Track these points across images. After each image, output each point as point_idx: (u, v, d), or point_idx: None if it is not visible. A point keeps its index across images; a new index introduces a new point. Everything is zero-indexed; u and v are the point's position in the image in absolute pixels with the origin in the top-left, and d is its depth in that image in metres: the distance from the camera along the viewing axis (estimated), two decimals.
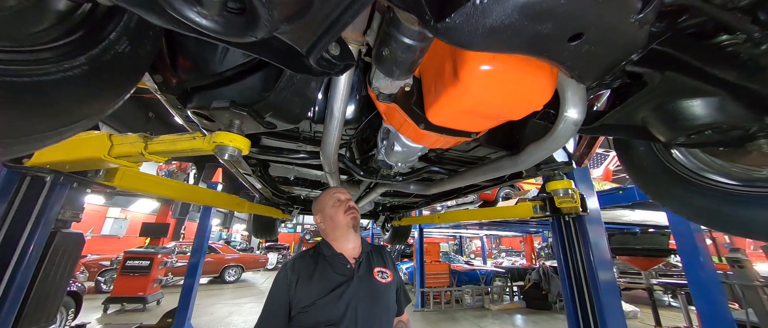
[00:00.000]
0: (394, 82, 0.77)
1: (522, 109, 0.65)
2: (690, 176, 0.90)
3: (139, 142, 0.93)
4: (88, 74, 0.44)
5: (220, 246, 11.22)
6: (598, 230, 2.23)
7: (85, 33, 0.45)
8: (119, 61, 0.50)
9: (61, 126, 0.47)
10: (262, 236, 3.96)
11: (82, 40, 0.44)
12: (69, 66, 0.42)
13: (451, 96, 0.65)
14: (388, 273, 1.23)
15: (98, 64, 0.46)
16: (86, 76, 0.44)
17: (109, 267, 7.76)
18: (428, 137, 0.87)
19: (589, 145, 1.25)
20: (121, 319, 5.97)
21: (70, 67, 0.42)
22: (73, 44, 0.43)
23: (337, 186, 1.54)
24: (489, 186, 1.94)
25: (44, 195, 1.32)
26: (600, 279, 2.08)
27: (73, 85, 0.42)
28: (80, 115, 0.49)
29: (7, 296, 1.21)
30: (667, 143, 0.77)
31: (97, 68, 0.46)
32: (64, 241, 1.53)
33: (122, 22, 0.51)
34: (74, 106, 0.47)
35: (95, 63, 0.45)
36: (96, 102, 0.50)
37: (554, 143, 0.84)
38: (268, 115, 0.85)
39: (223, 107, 0.77)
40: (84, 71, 0.44)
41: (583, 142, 1.23)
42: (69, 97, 0.44)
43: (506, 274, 9.27)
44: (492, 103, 0.64)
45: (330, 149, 1.03)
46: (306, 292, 1.07)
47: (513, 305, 8.01)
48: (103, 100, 0.51)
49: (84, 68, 0.43)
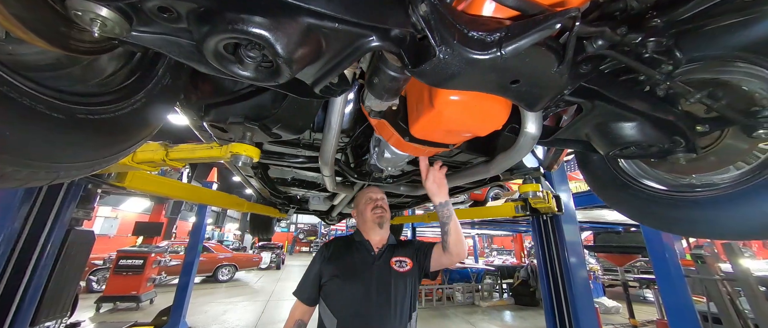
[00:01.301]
0: (383, 103, 0.92)
1: (485, 128, 0.81)
2: (631, 181, 1.07)
3: (161, 150, 1.06)
4: (145, 105, 0.58)
5: (213, 245, 11.19)
6: (572, 229, 2.43)
7: (142, 73, 0.59)
8: (165, 92, 0.64)
9: (127, 147, 0.60)
10: (258, 235, 4.07)
11: (140, 78, 0.58)
12: (134, 101, 0.55)
13: (428, 118, 0.80)
14: (408, 262, 1.36)
15: (151, 96, 0.59)
16: (144, 107, 0.57)
17: (101, 266, 7.71)
18: (412, 148, 1.02)
19: (556, 154, 1.42)
20: (113, 318, 5.98)
21: (135, 102, 0.55)
22: (135, 83, 0.57)
23: (334, 186, 1.70)
24: (473, 187, 2.11)
25: (62, 196, 1.43)
26: (574, 276, 2.27)
27: (137, 115, 0.56)
28: (139, 137, 0.62)
29: (28, 289, 1.32)
30: (605, 155, 0.94)
31: (151, 100, 0.59)
32: (78, 238, 1.63)
33: (166, 61, 0.65)
34: (136, 131, 0.60)
35: (150, 96, 0.59)
36: (150, 126, 0.63)
37: (518, 153, 1.01)
38: (275, 127, 0.99)
39: (238, 122, 0.91)
40: (143, 103, 0.57)
41: (551, 151, 1.41)
42: (134, 125, 0.57)
43: (496, 272, 9.53)
44: (461, 124, 0.79)
45: (328, 156, 1.17)
46: (336, 265, 1.34)
47: (502, 302, 8.26)
48: (154, 123, 0.65)
49: (143, 101, 0.57)
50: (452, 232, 1.27)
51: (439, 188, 1.28)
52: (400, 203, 3.20)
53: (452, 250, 1.28)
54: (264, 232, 3.86)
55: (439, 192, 1.28)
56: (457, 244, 1.28)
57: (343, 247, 1.44)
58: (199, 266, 9.91)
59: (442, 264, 1.37)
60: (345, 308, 1.25)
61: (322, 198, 3.02)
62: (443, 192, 1.28)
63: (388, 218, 1.47)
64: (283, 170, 2.19)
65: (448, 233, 1.28)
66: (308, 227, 27.87)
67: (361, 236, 1.45)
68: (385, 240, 1.45)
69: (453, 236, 1.28)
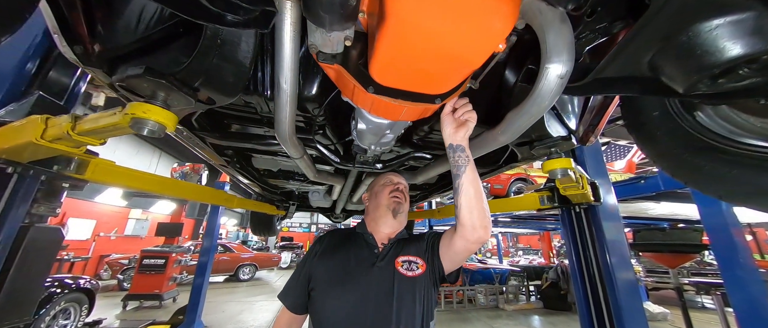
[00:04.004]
0: (330, 35, 0.63)
1: (478, 40, 0.50)
2: (721, 143, 0.71)
3: (68, 123, 0.85)
4: None
5: (235, 246, 11.45)
6: (614, 223, 2.00)
7: None
8: None
9: None
10: (260, 233, 3.93)
11: None
12: None
13: (386, 38, 0.51)
14: (420, 263, 1.01)
15: None
16: None
17: (128, 266, 8.07)
18: (382, 104, 0.73)
19: (596, 115, 1.05)
20: (138, 315, 6.17)
21: None
22: None
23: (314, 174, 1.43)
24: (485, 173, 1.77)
25: (10, 189, 1.28)
26: (617, 278, 1.86)
27: None
28: None
29: None
30: (686, 95, 0.59)
31: None
32: (40, 235, 1.49)
33: None
34: None
35: None
36: None
37: (537, 105, 0.68)
38: (197, 83, 0.74)
39: (137, 75, 0.67)
40: None
41: (587, 114, 1.05)
42: None
43: (522, 273, 8.91)
44: (435, 36, 0.49)
45: (283, 128, 0.91)
46: (326, 265, 1.03)
47: (529, 306, 7.66)
48: None
49: None
50: (465, 191, 0.85)
51: (459, 127, 0.86)
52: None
53: (465, 221, 0.86)
54: (266, 230, 3.72)
55: (457, 129, 0.86)
56: (472, 211, 0.85)
57: (340, 242, 1.12)
58: (221, 265, 10.27)
59: (457, 253, 0.96)
60: (331, 324, 0.93)
61: (322, 193, 2.78)
62: (461, 131, 0.86)
63: (405, 209, 1.16)
64: (273, 160, 1.96)
65: (459, 190, 0.86)
66: (330, 227, 28.16)
67: (364, 228, 1.15)
68: (395, 234, 1.13)
69: (466, 198, 0.85)
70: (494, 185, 5.93)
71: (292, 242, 19.31)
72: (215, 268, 9.64)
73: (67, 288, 3.84)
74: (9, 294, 1.36)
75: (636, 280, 2.10)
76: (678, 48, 0.50)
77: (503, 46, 0.51)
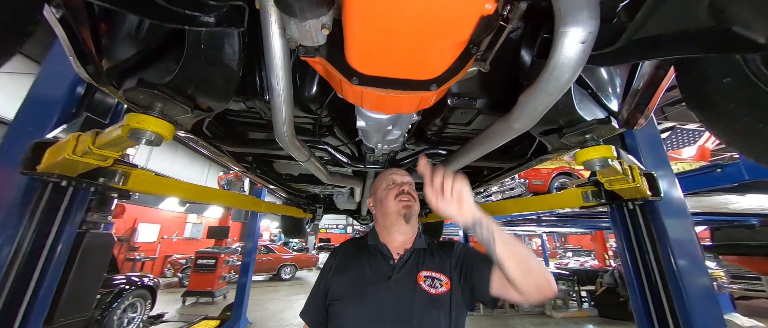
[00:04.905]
0: (305, 25, 0.58)
1: (466, 7, 0.41)
2: None
3: (89, 138, 0.93)
4: None
5: (276, 247, 12.17)
6: (680, 221, 1.68)
7: None
8: None
9: None
10: (292, 236, 4.08)
11: None
12: None
13: (354, 18, 0.45)
14: (443, 280, 0.92)
15: None
16: None
17: (185, 265, 8.99)
18: (371, 97, 0.66)
19: (646, 91, 0.85)
20: (194, 310, 6.81)
21: None
22: None
23: (326, 176, 1.40)
24: (512, 169, 1.59)
25: (66, 202, 1.44)
26: (686, 285, 1.55)
27: None
28: None
29: (38, 291, 1.35)
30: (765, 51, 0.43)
31: None
32: (95, 240, 1.67)
33: None
34: None
35: None
36: None
37: (554, 81, 0.56)
38: (189, 90, 0.74)
39: (132, 88, 0.69)
40: None
41: (634, 90, 0.86)
42: None
43: (571, 276, 8.09)
44: (403, 3, 0.41)
45: (281, 130, 0.88)
46: (338, 283, 0.98)
47: (581, 313, 6.95)
48: None
49: None
50: (508, 265, 0.74)
51: (459, 202, 0.74)
52: None
53: (522, 286, 0.75)
54: (296, 233, 3.85)
55: (459, 208, 0.74)
56: (528, 275, 0.74)
57: (353, 254, 1.04)
58: (264, 265, 10.96)
59: (511, 298, 0.82)
60: None
61: (347, 195, 2.78)
62: (465, 207, 0.74)
63: (417, 210, 1.03)
64: (286, 164, 1.99)
65: (503, 265, 0.74)
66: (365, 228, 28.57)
67: (376, 239, 1.04)
68: (412, 242, 1.02)
69: (513, 271, 0.74)
70: (533, 180, 5.45)
71: (330, 243, 20.01)
72: (259, 268, 10.34)
73: (134, 285, 4.36)
74: (70, 293, 1.54)
75: (712, 287, 1.74)
76: None
77: (492, 6, 0.41)
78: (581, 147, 0.92)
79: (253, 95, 0.94)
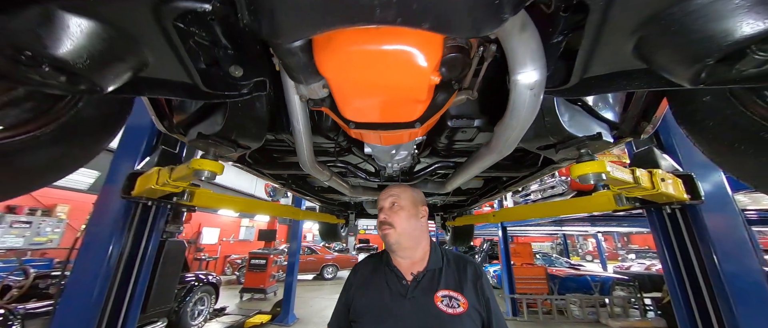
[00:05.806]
0: (309, 87, 0.75)
1: (405, 82, 0.54)
2: None
3: (167, 173, 1.23)
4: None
5: (318, 248, 12.93)
6: (728, 224, 1.53)
7: None
8: None
9: None
10: (328, 240, 4.40)
11: None
12: None
13: (335, 90, 0.60)
14: (461, 300, 0.92)
15: None
16: None
17: (241, 265, 10.04)
18: (370, 136, 0.81)
19: (652, 101, 0.85)
20: (250, 305, 7.60)
21: None
22: None
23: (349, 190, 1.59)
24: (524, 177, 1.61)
25: (152, 216, 1.83)
26: (737, 294, 1.41)
27: None
28: None
29: (136, 286, 1.74)
30: (692, 88, 0.48)
31: None
32: (172, 246, 2.07)
33: None
34: None
35: None
36: None
37: (516, 119, 0.65)
38: (232, 136, 0.97)
39: (193, 139, 0.93)
40: None
41: (636, 98, 0.87)
42: None
43: (632, 282, 7.26)
44: (367, 84, 0.55)
45: (303, 158, 1.08)
46: (359, 300, 1.00)
47: (645, 323, 6.23)
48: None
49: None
50: None
51: None
52: (459, 202, 2.78)
53: None
54: (332, 237, 4.16)
55: None
56: None
57: (371, 272, 1.06)
58: (308, 265, 11.72)
59: None
60: None
61: (373, 202, 2.97)
62: None
63: (401, 233, 1.01)
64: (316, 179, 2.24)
65: None
66: None
67: (388, 259, 1.05)
68: (424, 262, 1.02)
69: None
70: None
71: (368, 245, 20.52)
72: (303, 267, 11.09)
73: (201, 282, 5.07)
74: (158, 288, 1.94)
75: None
76: (665, 37, 0.42)
77: (437, 78, 0.53)
78: (577, 161, 0.95)
79: (281, 131, 1.16)
